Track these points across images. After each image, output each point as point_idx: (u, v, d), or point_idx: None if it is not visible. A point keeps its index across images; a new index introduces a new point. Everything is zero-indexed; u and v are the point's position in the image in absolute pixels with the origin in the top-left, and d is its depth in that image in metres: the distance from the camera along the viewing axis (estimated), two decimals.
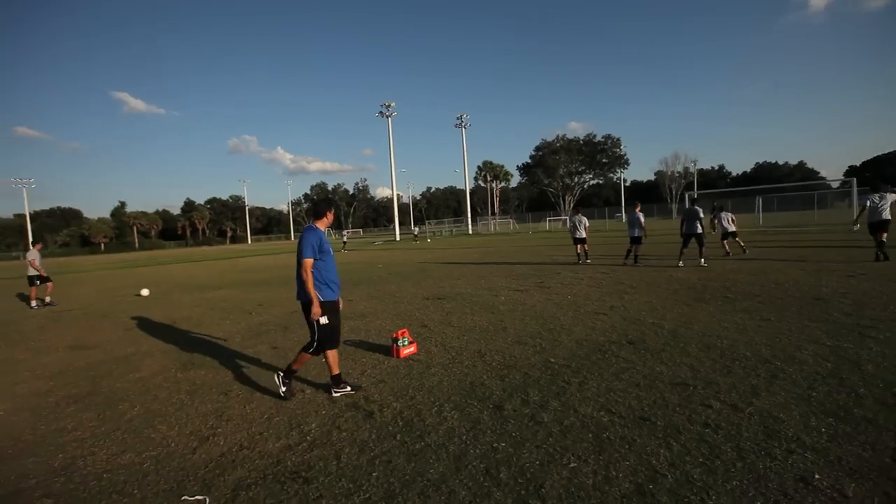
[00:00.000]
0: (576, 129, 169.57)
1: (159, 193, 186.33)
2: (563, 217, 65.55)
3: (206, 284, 13.64)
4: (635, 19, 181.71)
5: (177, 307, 9.30)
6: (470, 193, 57.45)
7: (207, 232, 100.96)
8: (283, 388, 3.73)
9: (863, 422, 2.75)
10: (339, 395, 3.69)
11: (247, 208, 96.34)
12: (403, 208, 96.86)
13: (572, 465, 2.44)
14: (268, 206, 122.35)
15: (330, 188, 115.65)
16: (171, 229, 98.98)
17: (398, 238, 44.66)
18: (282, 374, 3.80)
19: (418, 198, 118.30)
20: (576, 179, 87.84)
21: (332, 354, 3.67)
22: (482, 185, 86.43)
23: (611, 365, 4.03)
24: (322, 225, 3.71)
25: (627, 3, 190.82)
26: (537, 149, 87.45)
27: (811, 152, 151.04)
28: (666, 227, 29.42)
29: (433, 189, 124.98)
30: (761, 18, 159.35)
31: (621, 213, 68.78)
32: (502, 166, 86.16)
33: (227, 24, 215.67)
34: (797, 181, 65.97)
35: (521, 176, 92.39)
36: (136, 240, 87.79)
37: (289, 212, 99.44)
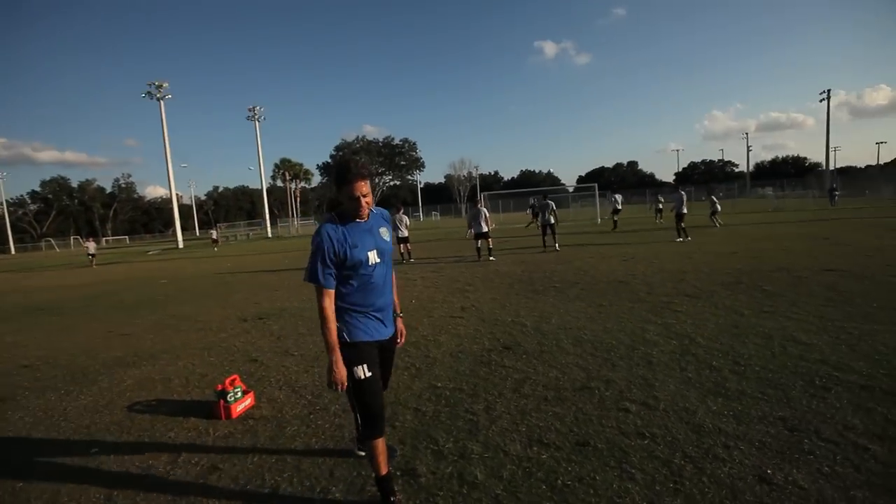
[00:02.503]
0: (371, 132, 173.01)
1: None
2: None
3: None
4: (417, 37, 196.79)
5: None
6: (266, 193, 52.03)
7: None
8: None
9: (741, 396, 2.95)
10: None
11: None
12: (185, 210, 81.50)
13: None
14: None
15: (75, 185, 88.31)
16: None
17: (181, 245, 37.04)
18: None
19: (203, 198, 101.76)
20: (377, 180, 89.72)
21: (377, 444, 2.04)
22: (280, 184, 79.77)
23: (504, 378, 3.59)
24: (361, 209, 1.96)
25: (412, 23, 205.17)
26: (337, 149, 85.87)
27: (555, 163, 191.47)
28: (458, 225, 32.32)
29: (221, 188, 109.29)
30: (515, 56, 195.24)
31: (419, 212, 73.39)
32: (301, 165, 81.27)
33: None
34: (548, 186, 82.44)
35: (321, 175, 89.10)
36: None
37: (4, 216, 71.52)
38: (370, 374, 1.98)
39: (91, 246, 22.40)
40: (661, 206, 21.69)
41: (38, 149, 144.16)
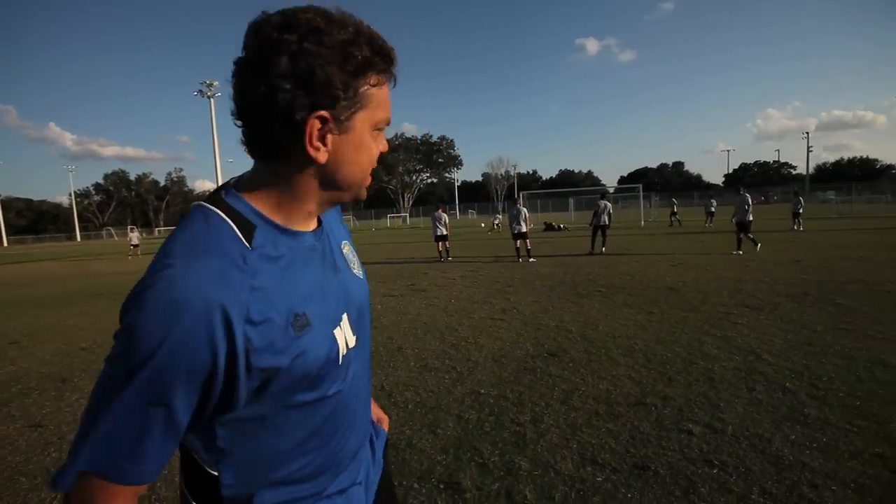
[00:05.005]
0: (409, 129, 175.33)
1: None
2: (402, 214, 66.43)
3: None
4: (456, 36, 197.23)
5: None
6: None
7: None
8: None
9: (824, 425, 2.63)
10: None
11: None
12: None
13: None
14: (37, 198, 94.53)
15: (133, 178, 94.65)
16: None
17: None
18: None
19: None
20: (414, 178, 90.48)
21: None
22: None
23: (550, 388, 3.40)
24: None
25: (452, 23, 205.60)
26: None
27: (595, 163, 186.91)
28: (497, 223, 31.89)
29: None
30: (556, 55, 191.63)
31: (456, 210, 73.36)
32: None
33: None
34: (588, 186, 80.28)
35: None
36: None
37: (71, 205, 77.88)
38: None
39: (134, 237, 22.57)
40: (713, 209, 20.60)
41: (104, 144, 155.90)
